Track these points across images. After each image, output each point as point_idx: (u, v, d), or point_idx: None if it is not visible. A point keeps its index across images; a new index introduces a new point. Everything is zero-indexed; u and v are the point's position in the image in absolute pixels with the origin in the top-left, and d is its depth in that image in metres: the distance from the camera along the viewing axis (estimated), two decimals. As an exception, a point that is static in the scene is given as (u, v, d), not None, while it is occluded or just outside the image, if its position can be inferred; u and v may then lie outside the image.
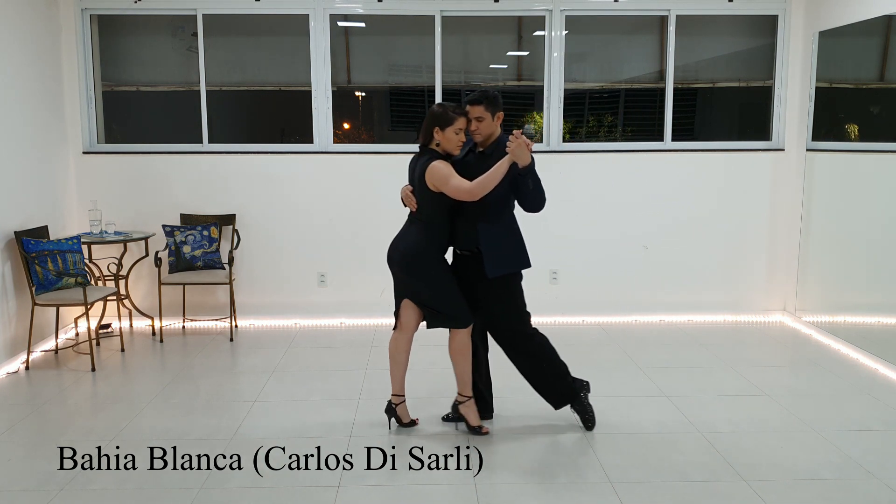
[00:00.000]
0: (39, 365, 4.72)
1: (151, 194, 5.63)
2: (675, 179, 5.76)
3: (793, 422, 3.76)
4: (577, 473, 3.20)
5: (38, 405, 4.06)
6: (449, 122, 3.37)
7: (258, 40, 6.01)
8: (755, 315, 5.85)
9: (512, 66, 6.15)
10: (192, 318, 5.70)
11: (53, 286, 4.71)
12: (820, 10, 5.38)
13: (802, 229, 5.60)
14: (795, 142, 5.69)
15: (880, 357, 4.63)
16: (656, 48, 5.94)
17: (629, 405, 4.02)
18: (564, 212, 5.74)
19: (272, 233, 5.70)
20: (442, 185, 3.33)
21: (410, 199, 3.47)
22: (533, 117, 6.01)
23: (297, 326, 5.66)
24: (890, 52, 4.84)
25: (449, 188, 3.31)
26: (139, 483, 3.11)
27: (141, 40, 5.91)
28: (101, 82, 5.76)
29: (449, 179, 3.30)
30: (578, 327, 5.59)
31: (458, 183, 3.30)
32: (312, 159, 5.71)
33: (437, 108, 3.43)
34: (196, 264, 5.40)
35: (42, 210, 5.13)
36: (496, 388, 4.00)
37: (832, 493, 3.03)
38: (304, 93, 5.73)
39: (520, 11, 5.75)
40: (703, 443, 3.51)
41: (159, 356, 4.98)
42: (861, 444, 3.49)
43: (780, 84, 5.75)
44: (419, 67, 5.91)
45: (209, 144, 5.70)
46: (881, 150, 4.88)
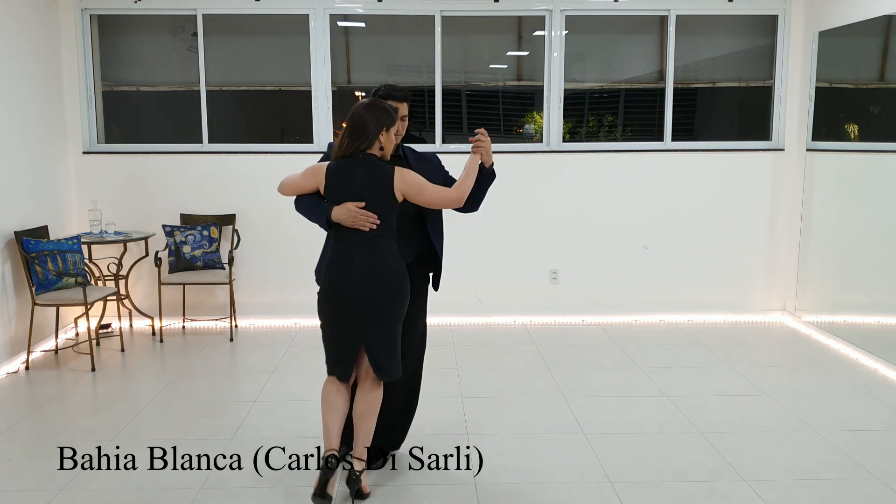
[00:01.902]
0: (39, 365, 4.72)
1: (151, 194, 5.63)
2: (674, 179, 5.76)
3: (793, 422, 3.76)
4: (577, 473, 3.20)
5: (38, 405, 4.06)
6: (393, 122, 2.88)
7: (258, 40, 6.01)
8: (755, 315, 5.85)
9: (512, 66, 6.15)
10: (192, 318, 5.70)
11: (53, 286, 4.71)
12: (820, 10, 5.38)
13: (802, 229, 5.60)
14: (795, 142, 5.69)
15: (880, 357, 4.63)
16: (656, 48, 5.94)
17: (629, 405, 4.02)
18: (564, 212, 5.75)
19: (272, 233, 5.69)
20: (417, 194, 2.86)
21: (369, 217, 2.81)
22: (533, 117, 6.02)
23: (297, 326, 5.66)
24: (890, 52, 4.84)
25: (427, 196, 2.87)
26: (139, 483, 3.11)
27: (141, 40, 5.91)
28: (101, 82, 5.76)
29: (426, 186, 2.87)
30: (578, 327, 5.59)
31: (439, 190, 2.90)
32: (313, 159, 5.66)
33: (375, 104, 2.85)
34: (196, 264, 5.40)
35: (42, 210, 5.13)
36: (499, 390, 4.01)
37: (832, 493, 3.03)
38: (304, 93, 5.73)
39: (520, 11, 5.75)
40: (703, 443, 3.51)
41: (159, 356, 4.98)
42: (861, 444, 3.49)
43: (780, 84, 5.75)
44: (419, 67, 5.91)
45: (209, 144, 5.70)
46: (881, 150, 4.88)
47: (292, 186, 3.02)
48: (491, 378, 4.44)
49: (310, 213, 2.99)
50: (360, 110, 2.84)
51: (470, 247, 5.66)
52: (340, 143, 2.89)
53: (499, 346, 5.15)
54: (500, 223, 5.70)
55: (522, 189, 5.71)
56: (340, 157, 2.88)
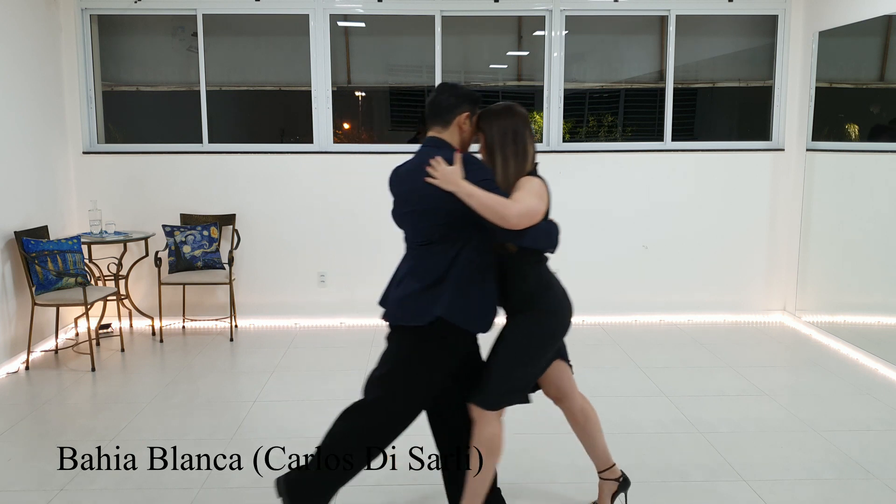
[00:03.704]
0: (39, 365, 4.72)
1: (151, 194, 5.64)
2: (675, 179, 5.76)
3: (793, 422, 3.76)
4: (577, 473, 3.20)
5: (38, 405, 4.06)
6: None
7: (258, 40, 6.01)
8: (755, 315, 5.85)
9: (512, 66, 6.15)
10: (192, 318, 5.70)
11: (53, 286, 4.71)
12: (820, 10, 5.38)
13: (802, 229, 5.60)
14: (795, 142, 5.69)
15: (880, 357, 4.63)
16: (656, 48, 5.94)
17: (629, 405, 4.02)
18: (564, 212, 5.72)
19: (272, 233, 5.70)
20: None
21: None
22: (533, 117, 6.02)
23: (297, 326, 5.66)
24: (890, 52, 4.84)
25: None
26: (139, 483, 3.11)
27: (141, 40, 5.91)
28: (101, 82, 5.77)
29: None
30: (578, 327, 5.57)
31: None
32: (312, 159, 5.71)
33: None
34: (196, 264, 5.40)
35: (42, 210, 5.13)
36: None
37: (832, 493, 3.03)
38: (304, 93, 5.73)
39: (520, 11, 5.75)
40: (703, 443, 3.51)
41: (159, 356, 4.98)
42: (861, 444, 3.49)
43: (780, 84, 5.75)
44: (419, 67, 5.91)
45: (209, 144, 5.70)
46: (881, 150, 4.88)
47: (540, 213, 2.39)
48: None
49: (550, 238, 2.50)
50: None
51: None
52: (529, 154, 2.54)
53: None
54: (500, 223, 5.70)
55: (522, 189, 5.70)
56: (532, 171, 2.54)
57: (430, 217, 2.43)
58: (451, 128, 2.51)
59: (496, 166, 2.49)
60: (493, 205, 2.27)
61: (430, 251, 2.45)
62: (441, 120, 2.51)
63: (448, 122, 2.50)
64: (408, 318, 2.46)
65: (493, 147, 2.51)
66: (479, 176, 2.35)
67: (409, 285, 2.48)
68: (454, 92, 2.52)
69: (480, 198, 2.27)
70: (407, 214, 2.53)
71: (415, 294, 2.45)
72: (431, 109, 2.53)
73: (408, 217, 2.53)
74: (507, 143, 2.49)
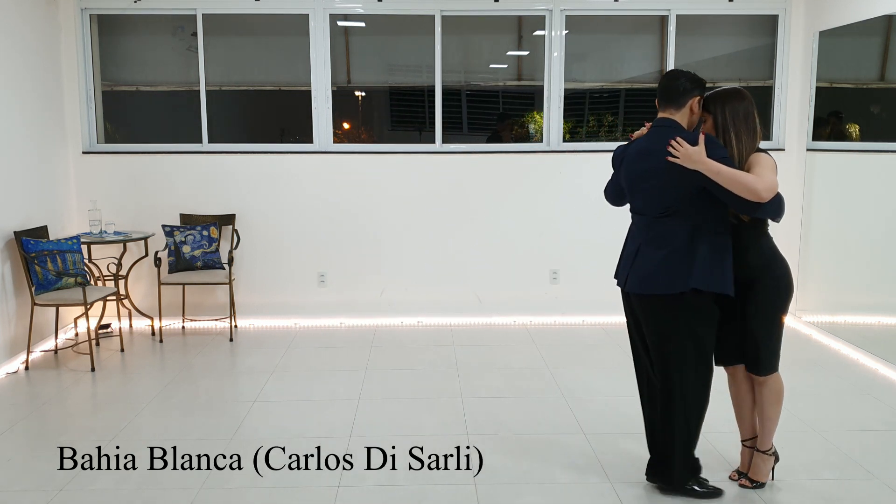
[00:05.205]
0: (39, 365, 4.72)
1: (151, 194, 5.63)
2: (675, 179, 5.75)
3: (793, 422, 3.76)
4: (577, 473, 3.20)
5: (37, 405, 4.05)
6: None
7: (258, 40, 6.01)
8: (755, 315, 5.83)
9: (512, 66, 6.15)
10: (192, 318, 5.70)
11: (53, 286, 4.71)
12: (820, 10, 5.38)
13: (802, 229, 5.59)
14: (796, 142, 5.69)
15: (880, 357, 4.63)
16: (656, 48, 5.93)
17: (629, 405, 4.01)
18: (565, 211, 5.74)
19: (272, 233, 5.69)
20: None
21: None
22: (533, 117, 6.01)
23: (297, 326, 5.66)
24: (890, 52, 4.83)
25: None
26: (139, 483, 3.11)
27: (141, 40, 5.90)
28: (100, 82, 5.76)
29: None
30: (578, 327, 5.59)
31: None
32: (312, 159, 5.70)
33: None
34: (196, 264, 5.40)
35: (42, 210, 5.13)
36: (499, 390, 4.00)
37: (832, 493, 3.03)
38: (304, 93, 5.72)
39: (520, 11, 5.75)
40: (703, 443, 3.50)
41: (159, 356, 4.98)
42: (861, 444, 3.49)
43: (780, 84, 5.75)
44: (419, 67, 5.91)
45: (209, 144, 5.70)
46: (881, 150, 4.88)
47: (777, 186, 2.66)
48: (491, 378, 4.44)
49: (781, 209, 2.76)
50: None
51: (470, 247, 5.67)
52: (759, 133, 2.86)
53: (499, 346, 5.15)
54: (499, 223, 5.70)
55: (522, 189, 5.70)
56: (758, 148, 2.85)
57: (670, 192, 2.73)
58: (683, 109, 2.80)
59: (730, 145, 2.76)
60: (744, 180, 2.56)
61: (666, 223, 2.78)
62: (675, 103, 2.80)
63: (682, 105, 2.80)
64: (661, 287, 2.79)
65: (727, 127, 2.79)
66: (718, 154, 2.63)
67: (652, 254, 2.82)
68: (688, 77, 2.82)
69: (729, 174, 2.57)
70: (645, 189, 2.82)
71: (661, 262, 2.78)
72: (667, 93, 2.82)
73: (646, 192, 2.82)
74: (740, 123, 2.78)
